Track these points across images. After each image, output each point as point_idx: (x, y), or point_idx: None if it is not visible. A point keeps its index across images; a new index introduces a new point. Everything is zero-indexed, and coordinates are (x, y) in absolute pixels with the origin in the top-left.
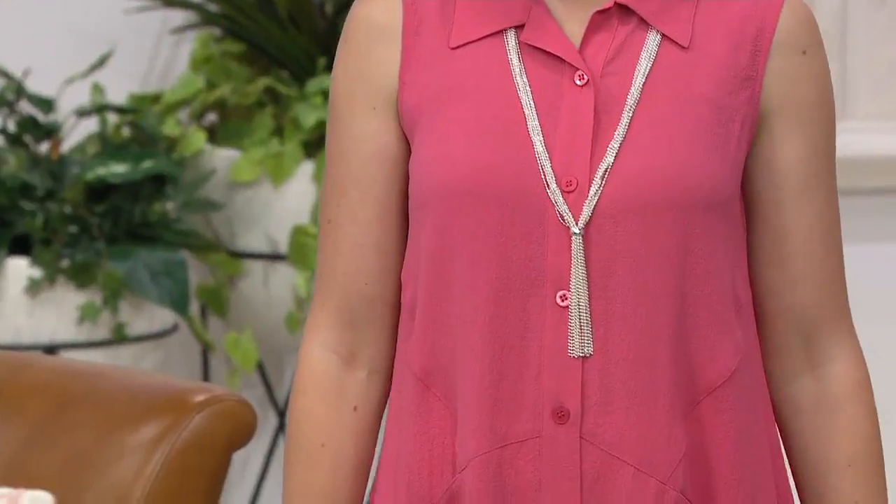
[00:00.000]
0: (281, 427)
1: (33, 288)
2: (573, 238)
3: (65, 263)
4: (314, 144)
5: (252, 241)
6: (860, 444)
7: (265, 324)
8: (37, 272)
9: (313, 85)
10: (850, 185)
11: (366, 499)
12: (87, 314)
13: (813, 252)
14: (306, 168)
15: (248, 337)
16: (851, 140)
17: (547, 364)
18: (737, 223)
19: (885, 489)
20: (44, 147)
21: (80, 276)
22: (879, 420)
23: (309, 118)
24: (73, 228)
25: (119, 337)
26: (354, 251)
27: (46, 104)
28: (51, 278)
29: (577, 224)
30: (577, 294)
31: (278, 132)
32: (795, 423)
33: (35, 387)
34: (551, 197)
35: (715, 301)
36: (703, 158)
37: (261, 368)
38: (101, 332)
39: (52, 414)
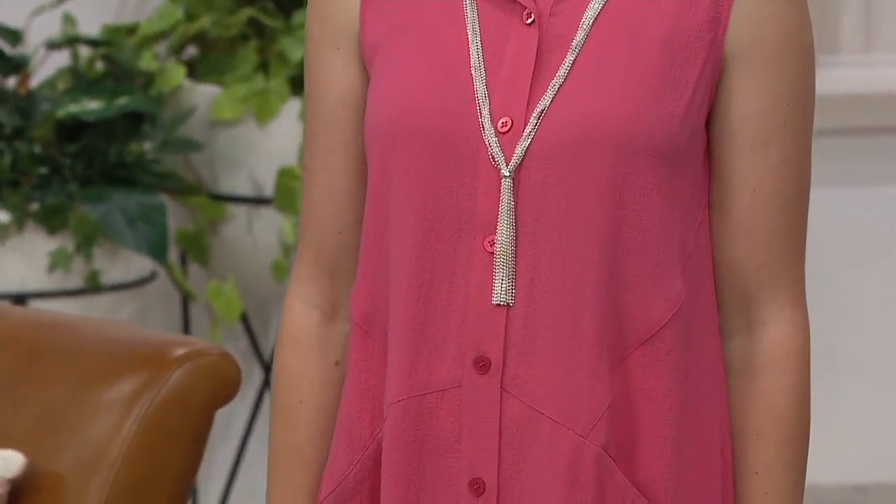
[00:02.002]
0: (267, 382)
1: (0, 233)
2: (503, 181)
3: (34, 207)
4: (301, 81)
5: (235, 183)
6: (771, 414)
7: (249, 272)
8: (4, 216)
9: (301, 16)
10: (878, 124)
11: None
12: (58, 261)
13: (759, 208)
14: (293, 106)
15: (231, 286)
16: (876, 75)
17: (471, 311)
18: (692, 172)
19: (793, 465)
20: (11, 82)
21: (51, 220)
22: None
23: (296, 52)
24: (43, 169)
25: (93, 286)
26: (327, 199)
27: (14, 36)
28: (19, 223)
29: (507, 166)
30: (502, 239)
31: (263, 67)
32: (728, 384)
33: (2, 340)
34: (485, 138)
35: (652, 251)
36: (647, 102)
37: (245, 319)
38: (74, 280)
39: (22, 369)
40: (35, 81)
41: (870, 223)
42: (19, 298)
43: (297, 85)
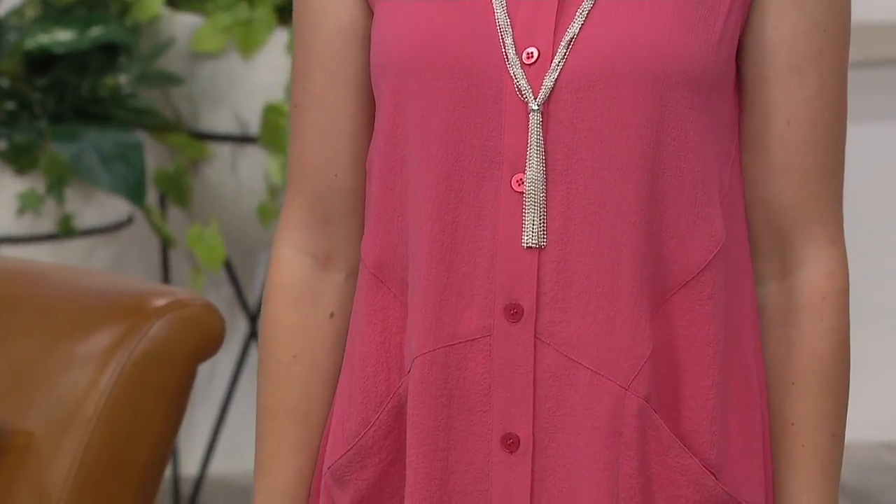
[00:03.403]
0: (252, 333)
1: None
2: (531, 115)
3: (2, 145)
4: (289, 10)
5: (218, 120)
6: (808, 362)
7: (234, 215)
8: None
9: None
10: None
11: None
12: (27, 204)
13: (795, 142)
14: (280, 37)
15: (213, 231)
16: None
17: (500, 255)
18: (725, 104)
19: (832, 416)
20: None
21: (20, 159)
22: None
23: None
24: (10, 105)
25: (65, 230)
26: (322, 139)
27: None
28: None
29: (535, 99)
30: (532, 177)
31: None
32: (763, 331)
33: None
34: (510, 70)
35: (690, 189)
36: (681, 30)
37: (229, 267)
38: (45, 224)
39: None
40: (1, 10)
41: None
42: None
43: (284, 14)
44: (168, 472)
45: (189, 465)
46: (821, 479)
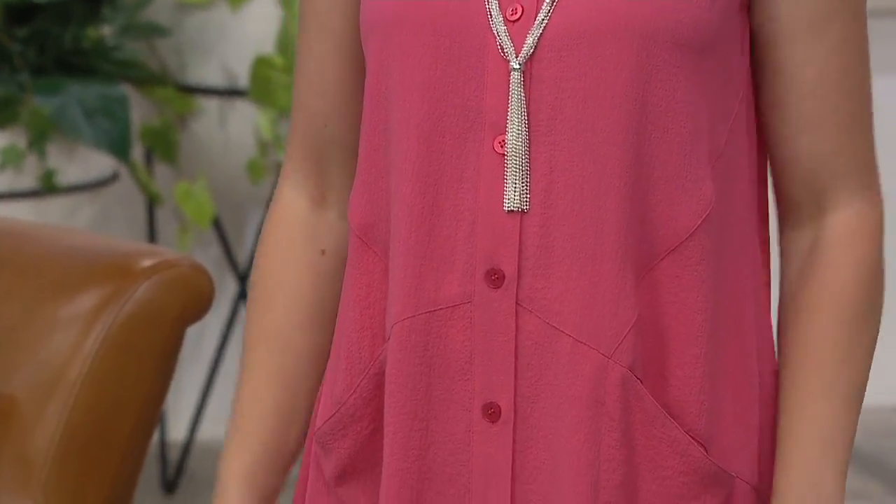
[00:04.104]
0: (242, 294)
1: None
2: (512, 74)
3: None
4: None
5: (206, 73)
6: (829, 287)
7: (222, 172)
8: None
9: None
10: None
11: None
12: (8, 159)
13: (824, 95)
14: None
15: (202, 187)
16: None
17: (481, 219)
18: (724, 61)
19: (846, 344)
20: None
21: (0, 113)
22: None
23: None
24: None
25: (48, 187)
26: (311, 88)
27: None
28: None
29: (517, 57)
30: (514, 139)
31: None
32: (785, 283)
33: None
34: (493, 27)
35: (678, 151)
36: None
37: (217, 225)
38: (26, 181)
39: None
40: None
41: None
42: None
43: None
44: (155, 438)
45: (177, 430)
46: (822, 397)
